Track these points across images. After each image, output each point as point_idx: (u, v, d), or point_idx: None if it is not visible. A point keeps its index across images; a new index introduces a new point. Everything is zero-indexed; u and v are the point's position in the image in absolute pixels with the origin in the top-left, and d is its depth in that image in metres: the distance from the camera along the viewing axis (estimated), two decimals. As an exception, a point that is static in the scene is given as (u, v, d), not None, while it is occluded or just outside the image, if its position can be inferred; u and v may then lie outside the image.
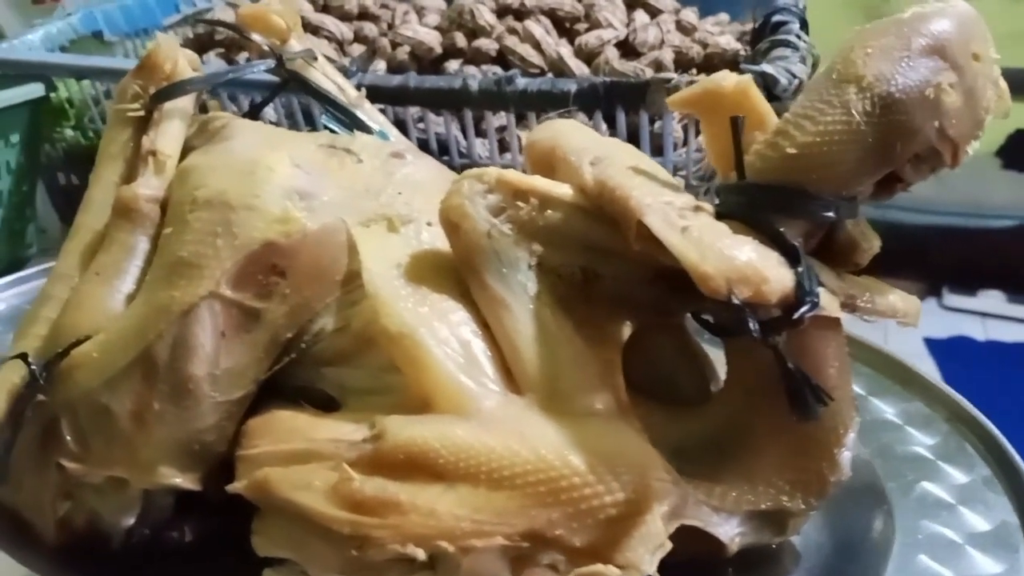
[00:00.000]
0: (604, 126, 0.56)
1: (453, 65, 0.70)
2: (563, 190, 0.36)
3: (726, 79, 0.33)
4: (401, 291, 0.35)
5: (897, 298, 0.33)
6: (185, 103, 0.45)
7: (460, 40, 0.71)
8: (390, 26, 0.77)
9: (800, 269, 0.30)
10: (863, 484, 0.40)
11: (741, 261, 0.29)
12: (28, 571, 0.36)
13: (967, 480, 0.40)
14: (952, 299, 1.03)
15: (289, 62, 0.48)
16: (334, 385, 0.36)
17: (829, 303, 0.30)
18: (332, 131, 0.48)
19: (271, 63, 0.47)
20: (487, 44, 0.70)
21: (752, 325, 0.29)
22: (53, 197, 0.81)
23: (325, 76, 0.49)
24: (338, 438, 0.32)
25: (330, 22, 0.75)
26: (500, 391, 0.33)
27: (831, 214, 0.31)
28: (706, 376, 0.37)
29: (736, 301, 0.28)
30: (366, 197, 0.39)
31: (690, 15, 0.80)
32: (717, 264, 0.29)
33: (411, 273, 0.36)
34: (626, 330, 0.36)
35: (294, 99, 0.61)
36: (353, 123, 0.47)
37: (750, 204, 0.31)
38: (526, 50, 0.70)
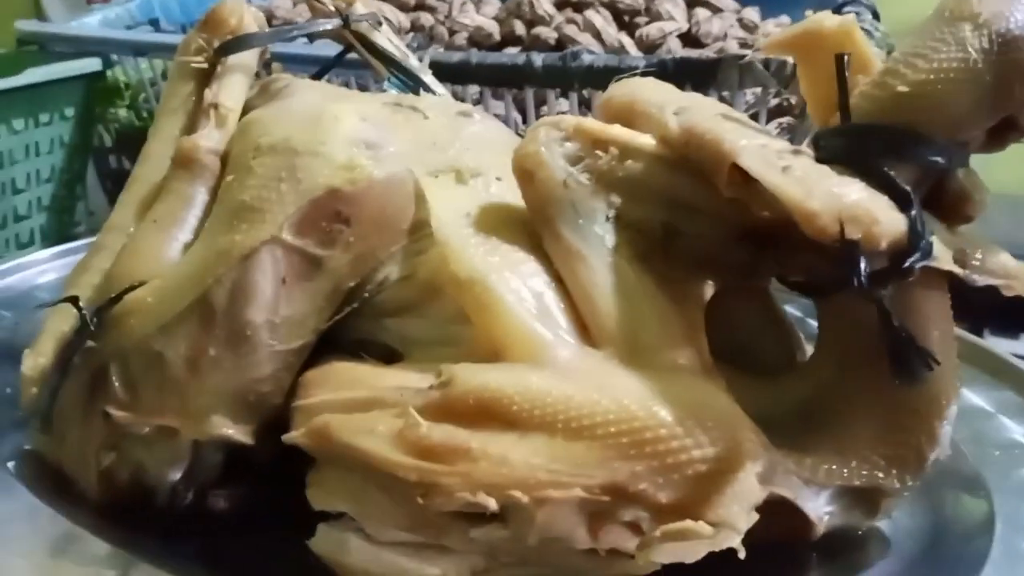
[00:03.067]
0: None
1: (512, 51, 0.69)
2: (645, 140, 0.34)
3: (828, 18, 0.31)
4: (471, 239, 0.33)
5: (1008, 259, 0.30)
6: (249, 58, 0.43)
7: (519, 28, 0.70)
8: (447, 16, 0.76)
9: (913, 214, 0.27)
10: (956, 470, 0.37)
11: (851, 200, 0.27)
12: (71, 524, 0.35)
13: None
14: (993, 341, 0.99)
15: (354, 24, 0.46)
16: (397, 337, 0.34)
17: (942, 254, 0.28)
18: (397, 96, 0.47)
19: (337, 22, 0.46)
20: (546, 32, 0.69)
21: (862, 272, 0.26)
22: (103, 180, 0.81)
23: (390, 41, 0.48)
24: (403, 386, 0.30)
25: (388, 11, 0.74)
26: (576, 343, 0.31)
27: (943, 160, 0.29)
28: (791, 345, 0.35)
29: (837, 238, 0.26)
30: (433, 150, 0.38)
31: (752, 14, 0.78)
32: (825, 201, 0.27)
33: (481, 223, 0.34)
34: (707, 291, 0.34)
35: (352, 77, 0.60)
36: (418, 85, 0.46)
37: (856, 147, 0.29)
38: (586, 39, 0.69)
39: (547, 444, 0.27)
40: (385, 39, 0.48)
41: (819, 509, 0.31)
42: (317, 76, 0.49)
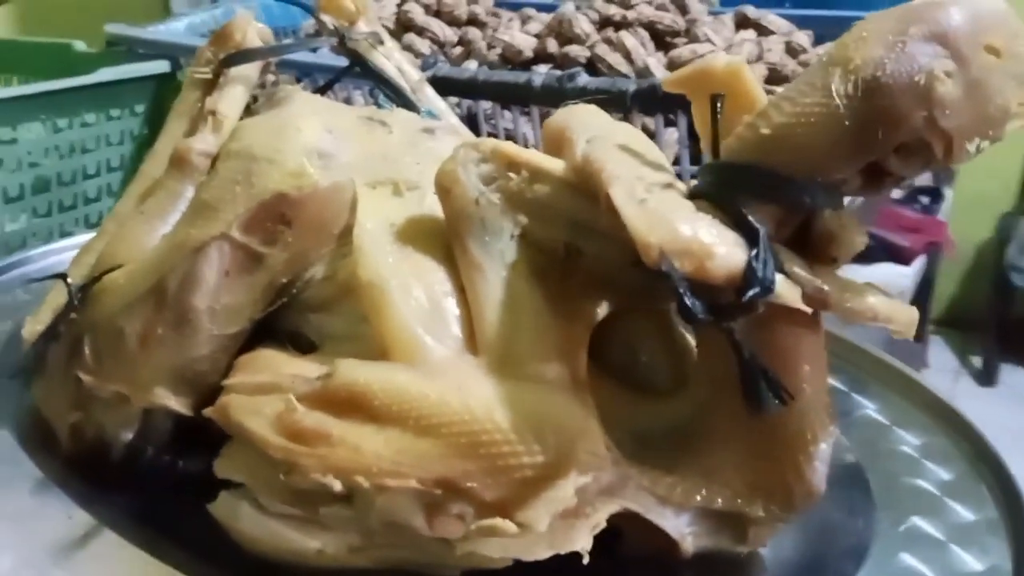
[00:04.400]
0: (665, 128, 0.56)
1: (541, 69, 0.71)
2: (555, 165, 0.36)
3: (718, 59, 0.32)
4: (386, 247, 0.36)
5: (880, 302, 0.31)
6: (250, 71, 0.48)
7: (552, 46, 0.72)
8: (494, 32, 0.80)
9: (755, 251, 0.29)
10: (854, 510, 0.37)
11: (687, 235, 0.28)
12: (43, 475, 0.40)
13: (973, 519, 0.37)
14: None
15: (352, 42, 0.50)
16: (316, 330, 0.37)
17: (787, 292, 0.29)
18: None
19: (333, 41, 0.50)
20: (577, 51, 0.71)
21: (688, 301, 0.28)
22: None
23: (387, 59, 0.52)
24: (299, 374, 0.34)
25: (436, 25, 0.78)
26: (456, 349, 0.33)
27: (805, 200, 0.30)
28: (685, 366, 0.36)
29: (664, 269, 0.28)
30: (383, 162, 0.41)
31: (802, 38, 0.77)
32: (661, 235, 0.28)
33: (402, 233, 0.37)
34: (602, 310, 0.36)
35: (356, 88, 0.63)
36: (401, 101, 0.49)
37: (718, 183, 0.31)
38: (615, 59, 0.70)
39: (398, 437, 0.30)
40: (382, 56, 0.52)
41: (680, 528, 0.33)
42: (321, 91, 0.53)
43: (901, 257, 2.06)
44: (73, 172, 0.70)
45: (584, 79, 0.55)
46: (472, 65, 0.73)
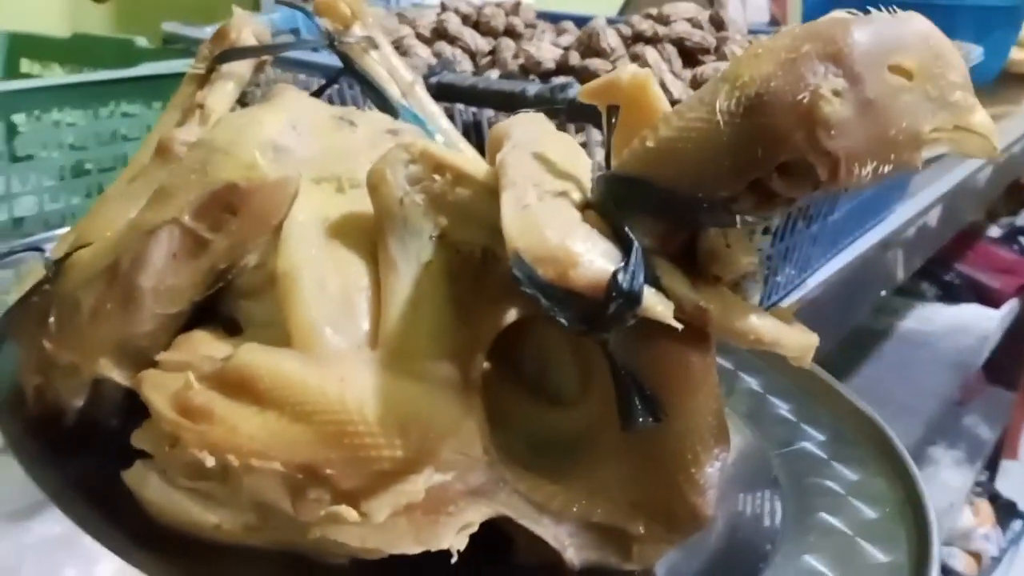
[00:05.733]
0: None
1: (561, 79, 0.71)
2: (478, 169, 0.36)
3: (624, 72, 0.32)
4: (312, 240, 0.38)
5: (767, 324, 0.30)
6: (242, 68, 0.51)
7: (573, 59, 0.72)
8: (529, 42, 0.80)
9: (625, 263, 0.28)
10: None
11: (553, 242, 0.28)
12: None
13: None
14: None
15: (342, 45, 0.52)
16: (244, 316, 0.39)
17: (658, 307, 0.28)
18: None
19: (323, 43, 0.52)
20: (598, 64, 0.71)
21: (546, 309, 0.28)
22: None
23: (378, 63, 0.53)
24: (210, 355, 0.35)
25: (468, 35, 0.79)
26: (356, 343, 0.34)
27: (685, 215, 0.29)
28: (590, 376, 0.36)
29: (515, 273, 0.28)
30: (336, 160, 0.43)
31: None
32: (528, 240, 0.28)
33: (333, 228, 0.38)
34: (511, 316, 0.36)
35: (349, 92, 0.65)
36: (380, 103, 0.51)
37: (604, 195, 0.30)
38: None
39: (275, 421, 0.31)
40: (373, 61, 0.53)
41: (560, 537, 0.33)
42: (317, 92, 0.55)
43: (990, 299, 1.95)
44: (113, 158, 0.74)
45: (574, 90, 0.55)
46: (495, 75, 0.73)
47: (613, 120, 0.31)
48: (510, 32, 0.83)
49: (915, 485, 0.37)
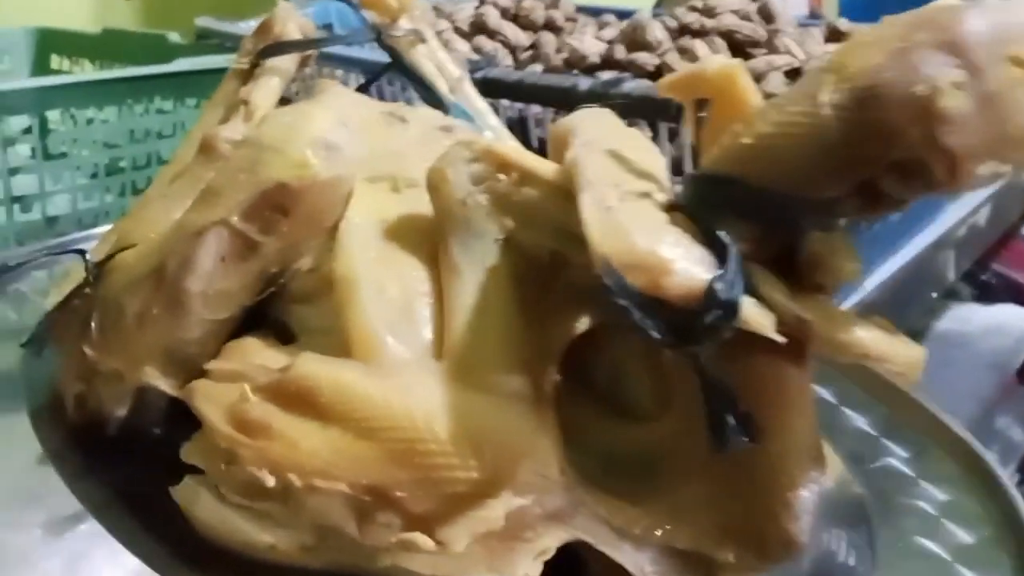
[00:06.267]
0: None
1: (606, 75, 0.69)
2: (547, 169, 0.34)
3: (711, 62, 0.30)
4: (370, 243, 0.36)
5: (874, 337, 0.28)
6: (286, 63, 0.49)
7: (619, 52, 0.70)
8: (569, 36, 0.78)
9: (722, 271, 0.26)
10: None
11: (643, 247, 0.26)
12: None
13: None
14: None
15: (389, 38, 0.50)
16: (297, 322, 0.37)
17: (758, 318, 0.26)
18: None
19: (370, 37, 0.50)
20: (645, 58, 0.69)
21: (638, 320, 0.26)
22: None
23: (426, 57, 0.51)
24: (265, 364, 0.33)
25: (508, 29, 0.77)
26: (420, 352, 0.32)
27: (785, 218, 0.27)
28: (671, 390, 0.33)
29: (606, 282, 0.25)
30: (390, 159, 0.41)
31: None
32: (615, 245, 0.26)
33: (391, 230, 0.36)
34: (582, 324, 0.33)
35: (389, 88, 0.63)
36: (430, 99, 0.49)
37: (694, 196, 0.28)
38: (684, 68, 0.67)
39: (339, 437, 0.29)
40: (420, 55, 0.51)
41: (640, 565, 0.30)
42: (362, 87, 0.53)
43: (1027, 299, 1.90)
44: (148, 156, 0.73)
45: (629, 85, 0.53)
46: (537, 69, 0.71)
47: (703, 114, 0.29)
48: (550, 26, 0.80)
49: (1014, 505, 0.35)
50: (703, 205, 0.28)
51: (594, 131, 0.35)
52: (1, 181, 0.63)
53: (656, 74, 0.69)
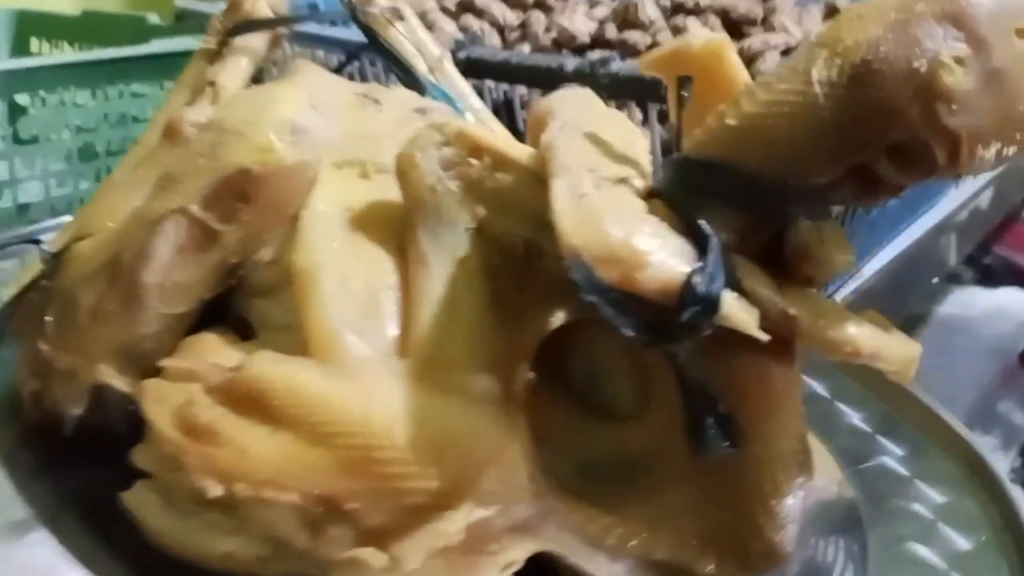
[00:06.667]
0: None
1: (596, 55, 0.67)
2: (522, 153, 0.32)
3: (696, 37, 0.28)
4: (334, 232, 0.33)
5: (866, 333, 0.25)
6: (255, 42, 0.46)
7: (610, 31, 0.67)
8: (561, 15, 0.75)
9: (702, 264, 0.24)
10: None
11: (617, 238, 0.24)
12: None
13: None
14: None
15: (366, 16, 0.48)
16: (258, 317, 0.35)
17: (741, 314, 0.24)
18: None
19: (345, 15, 0.47)
20: (636, 38, 0.66)
21: (610, 317, 0.23)
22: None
23: (404, 37, 0.49)
24: (220, 363, 0.31)
25: (496, 7, 0.75)
26: (383, 350, 0.30)
27: (773, 205, 0.25)
28: (648, 391, 0.31)
29: (574, 277, 0.23)
30: (360, 142, 0.38)
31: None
32: (587, 236, 0.24)
33: (357, 218, 0.34)
34: (558, 319, 0.31)
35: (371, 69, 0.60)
36: (408, 80, 0.46)
37: (675, 181, 0.26)
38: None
39: (291, 444, 0.27)
40: (398, 33, 0.49)
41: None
42: (338, 69, 0.50)
43: (1029, 282, 1.88)
44: (123, 141, 0.71)
45: (617, 65, 0.51)
46: (525, 49, 0.69)
47: (685, 93, 0.26)
48: (540, 4, 0.78)
49: (1013, 508, 0.33)
50: (684, 192, 0.26)
51: (573, 113, 0.33)
52: (-32, 168, 0.61)
53: (648, 54, 0.67)
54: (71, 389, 0.38)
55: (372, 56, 0.52)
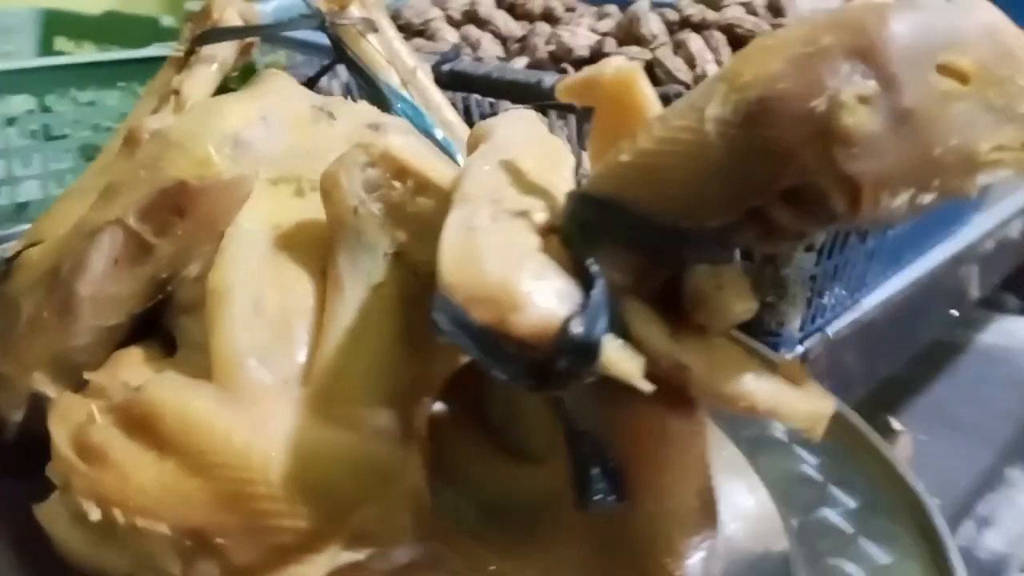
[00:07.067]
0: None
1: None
2: (446, 178, 0.31)
3: (608, 65, 0.26)
4: (256, 250, 0.33)
5: (766, 388, 0.24)
6: (223, 51, 0.46)
7: (608, 46, 0.66)
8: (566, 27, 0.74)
9: (582, 307, 0.23)
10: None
11: (492, 278, 0.23)
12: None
13: None
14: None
15: (335, 27, 0.47)
16: (180, 334, 0.34)
17: (623, 362, 0.23)
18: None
19: (313, 23, 0.47)
20: (635, 52, 0.65)
21: (480, 357, 0.22)
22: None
23: (377, 48, 0.48)
24: (128, 381, 0.31)
25: (500, 18, 0.74)
26: (288, 378, 0.29)
27: (666, 248, 0.23)
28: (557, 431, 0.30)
29: (433, 315, 0.22)
30: (303, 157, 0.37)
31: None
32: (463, 275, 0.23)
33: (283, 238, 0.34)
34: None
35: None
36: (371, 93, 0.46)
37: (570, 217, 0.25)
38: (675, 63, 0.63)
39: (172, 472, 0.26)
40: (369, 45, 0.48)
41: (507, 627, 0.27)
42: (309, 84, 0.50)
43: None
44: (127, 143, 0.71)
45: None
46: (522, 62, 0.68)
47: (587, 124, 0.25)
48: (547, 16, 0.77)
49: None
50: (580, 230, 0.24)
51: (505, 136, 0.31)
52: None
53: (648, 69, 0.65)
54: (10, 396, 0.38)
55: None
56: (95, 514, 0.26)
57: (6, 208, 0.66)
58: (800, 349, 0.54)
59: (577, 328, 0.22)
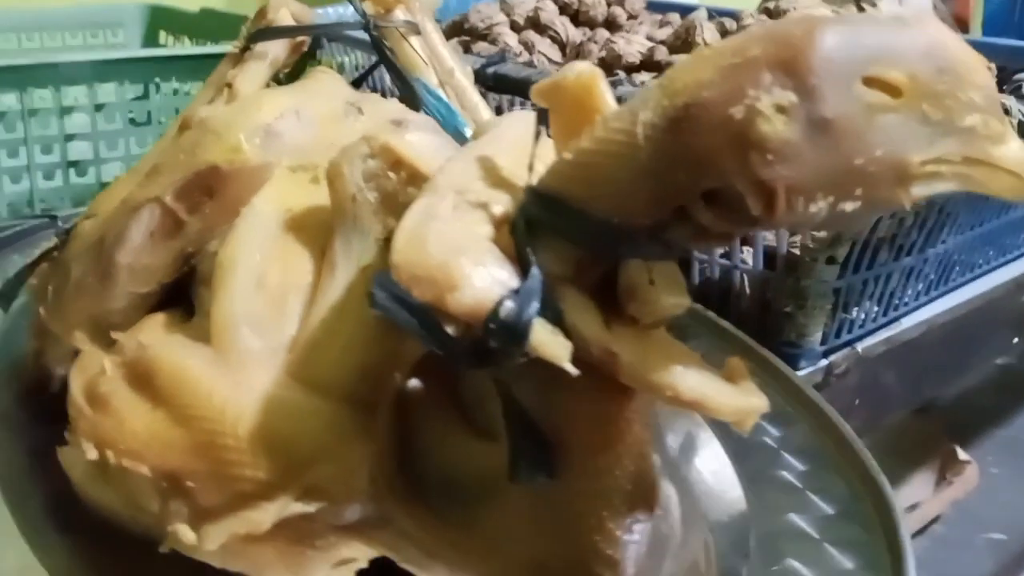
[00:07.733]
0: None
1: (643, 77, 0.66)
2: (434, 169, 0.33)
3: (572, 69, 0.28)
4: (267, 230, 0.36)
5: (694, 380, 0.25)
6: (276, 48, 0.49)
7: (660, 54, 0.67)
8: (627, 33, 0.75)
9: (515, 291, 0.24)
10: None
11: (435, 260, 0.25)
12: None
13: None
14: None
15: (378, 29, 0.50)
16: (198, 303, 0.38)
17: (548, 346, 0.24)
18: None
19: (359, 25, 0.50)
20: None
21: (419, 335, 0.24)
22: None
23: (419, 49, 0.51)
24: (142, 341, 0.34)
25: (559, 24, 0.75)
26: (276, 345, 0.32)
27: (599, 243, 0.25)
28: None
29: (371, 291, 0.24)
30: (325, 149, 0.40)
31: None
32: (409, 256, 0.25)
33: (293, 220, 0.36)
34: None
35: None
36: (405, 92, 0.48)
37: (519, 211, 0.26)
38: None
39: (160, 421, 0.29)
40: (410, 47, 0.51)
41: (449, 587, 0.29)
42: (355, 84, 0.53)
43: None
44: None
45: (623, 89, 0.50)
46: (576, 67, 0.69)
47: (542, 128, 0.27)
48: (609, 23, 0.78)
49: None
50: (526, 223, 0.26)
51: (494, 135, 0.33)
52: (57, 146, 0.68)
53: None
54: (57, 351, 0.43)
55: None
56: (92, 453, 0.30)
57: (92, 187, 0.72)
58: (824, 362, 0.54)
59: (508, 309, 0.24)
